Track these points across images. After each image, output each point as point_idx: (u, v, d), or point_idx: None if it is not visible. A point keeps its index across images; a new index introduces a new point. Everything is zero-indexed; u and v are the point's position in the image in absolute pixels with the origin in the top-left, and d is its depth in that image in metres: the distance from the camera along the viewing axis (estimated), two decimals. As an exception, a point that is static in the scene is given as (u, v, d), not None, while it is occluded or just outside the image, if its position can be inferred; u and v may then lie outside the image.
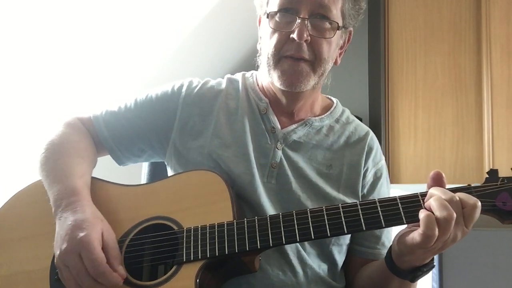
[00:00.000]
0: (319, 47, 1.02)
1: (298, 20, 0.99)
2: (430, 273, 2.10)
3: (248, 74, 1.19)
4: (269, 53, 1.03)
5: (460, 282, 2.01)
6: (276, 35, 1.02)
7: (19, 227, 1.02)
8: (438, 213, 0.79)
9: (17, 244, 1.01)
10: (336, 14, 1.02)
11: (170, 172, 1.13)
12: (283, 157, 1.06)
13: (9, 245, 1.01)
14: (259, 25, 1.12)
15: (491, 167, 1.02)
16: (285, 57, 1.01)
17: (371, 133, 1.17)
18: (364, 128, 1.18)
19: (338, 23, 1.02)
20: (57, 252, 0.89)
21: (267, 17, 1.03)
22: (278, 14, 1.02)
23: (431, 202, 0.81)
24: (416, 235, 0.82)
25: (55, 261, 0.90)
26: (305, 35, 0.98)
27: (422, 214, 0.82)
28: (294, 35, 0.99)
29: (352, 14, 1.06)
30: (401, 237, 0.87)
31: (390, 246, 0.93)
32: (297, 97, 1.08)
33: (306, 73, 1.02)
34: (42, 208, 1.00)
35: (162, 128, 1.11)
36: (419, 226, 0.82)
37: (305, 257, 1.02)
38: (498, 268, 1.99)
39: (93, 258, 0.86)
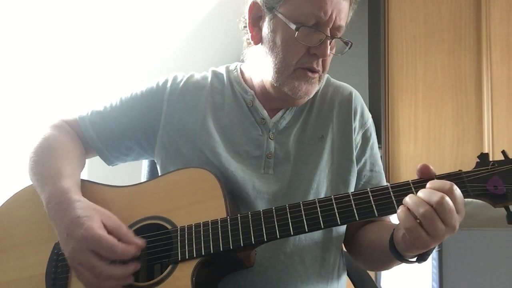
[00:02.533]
0: (327, 61, 1.03)
1: (325, 38, 0.98)
2: (430, 273, 2.10)
3: (232, 67, 1.17)
4: (283, 61, 1.01)
5: (460, 282, 2.01)
6: (295, 45, 0.99)
7: (14, 233, 1.01)
8: (416, 212, 0.79)
9: (12, 251, 0.99)
10: (343, 29, 1.03)
11: (159, 170, 1.12)
12: (277, 146, 1.06)
13: (4, 252, 1.00)
14: (251, 11, 1.05)
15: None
16: (302, 68, 1.01)
17: (354, 92, 1.15)
18: (346, 88, 1.16)
19: (351, 42, 1.03)
20: (66, 255, 0.89)
21: (296, 29, 0.98)
22: (306, 28, 0.98)
23: (407, 201, 0.81)
24: (407, 241, 0.81)
25: (68, 262, 0.89)
26: (328, 53, 0.99)
27: (399, 211, 0.81)
28: (318, 52, 0.99)
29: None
30: (403, 237, 0.85)
31: (392, 239, 0.90)
32: (295, 103, 1.07)
33: (316, 85, 1.04)
34: (35, 214, 0.99)
35: (149, 125, 1.10)
36: None
37: (301, 244, 1.01)
38: (498, 268, 1.98)
39: (106, 246, 0.85)
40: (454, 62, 2.47)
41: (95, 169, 1.12)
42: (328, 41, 0.99)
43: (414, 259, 0.89)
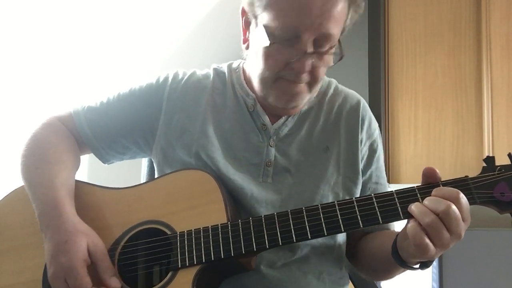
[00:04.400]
0: (318, 71, 0.96)
1: (303, 54, 0.91)
2: (430, 273, 2.10)
3: (235, 65, 1.12)
4: (264, 72, 0.96)
5: (460, 282, 2.01)
6: (274, 58, 0.93)
7: (7, 237, 0.99)
8: (421, 221, 0.77)
9: (8, 255, 0.97)
10: (336, 35, 0.94)
11: (156, 169, 1.08)
12: (277, 154, 1.02)
13: (0, 256, 0.98)
14: (243, 16, 1.01)
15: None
16: (283, 78, 0.95)
17: (362, 102, 1.11)
18: (354, 97, 1.11)
19: (342, 55, 0.96)
20: (48, 274, 0.88)
21: (270, 39, 0.91)
22: (284, 41, 0.91)
23: (413, 209, 0.80)
24: (412, 250, 0.80)
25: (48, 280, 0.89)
26: (306, 68, 0.93)
27: (408, 225, 0.80)
28: (296, 67, 0.92)
29: (349, 27, 0.99)
30: (407, 244, 0.84)
31: (395, 245, 0.89)
32: (288, 112, 1.04)
33: (303, 94, 0.98)
34: (27, 216, 0.96)
35: (147, 124, 1.05)
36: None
37: (300, 249, 0.99)
38: (498, 268, 1.98)
39: (77, 285, 0.85)
40: (454, 62, 2.47)
41: (94, 168, 1.11)
42: (309, 56, 0.92)
43: (417, 266, 0.88)
